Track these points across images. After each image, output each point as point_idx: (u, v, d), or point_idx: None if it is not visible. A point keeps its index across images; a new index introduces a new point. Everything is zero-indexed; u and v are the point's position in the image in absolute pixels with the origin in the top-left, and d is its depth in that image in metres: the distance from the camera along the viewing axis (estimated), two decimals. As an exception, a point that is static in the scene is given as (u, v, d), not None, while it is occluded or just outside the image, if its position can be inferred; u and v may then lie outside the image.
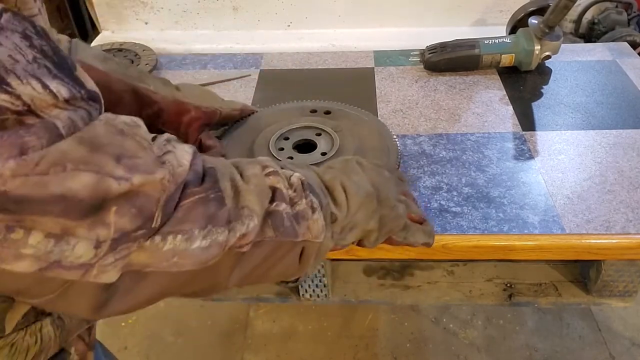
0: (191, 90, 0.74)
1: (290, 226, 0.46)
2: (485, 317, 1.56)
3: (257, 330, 1.58)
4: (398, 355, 1.49)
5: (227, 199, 0.42)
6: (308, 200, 0.48)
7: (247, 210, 0.43)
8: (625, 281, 1.51)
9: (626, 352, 1.47)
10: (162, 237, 0.38)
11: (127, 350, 1.55)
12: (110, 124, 0.36)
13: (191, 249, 0.39)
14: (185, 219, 0.39)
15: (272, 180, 0.46)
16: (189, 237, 0.39)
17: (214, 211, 0.41)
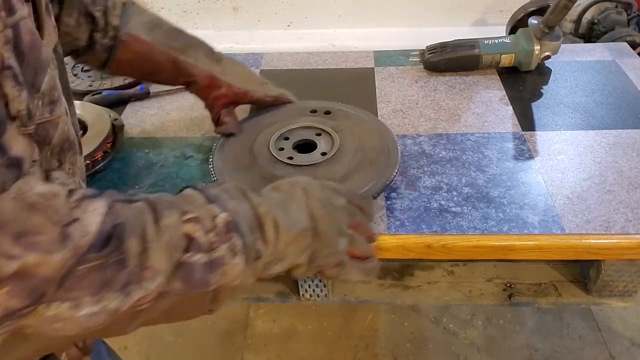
0: (231, 68, 0.78)
1: (201, 277, 0.44)
2: (485, 317, 1.56)
3: (257, 330, 1.58)
4: (398, 355, 1.49)
5: (130, 260, 0.40)
6: (230, 244, 0.46)
7: (151, 271, 0.41)
8: (625, 281, 1.51)
9: (626, 352, 1.47)
10: (47, 304, 0.37)
11: (127, 350, 1.55)
12: (20, 199, 0.35)
13: (77, 316, 0.38)
14: (76, 287, 0.37)
15: (189, 229, 0.44)
16: (77, 304, 0.38)
17: (110, 276, 0.39)
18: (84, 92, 0.97)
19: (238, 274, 0.47)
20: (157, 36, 0.72)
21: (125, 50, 0.71)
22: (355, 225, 0.58)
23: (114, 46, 0.71)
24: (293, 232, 0.51)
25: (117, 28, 0.70)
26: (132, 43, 0.71)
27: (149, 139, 0.88)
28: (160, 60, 0.73)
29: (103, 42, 0.71)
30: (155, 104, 0.97)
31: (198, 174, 0.79)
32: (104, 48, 0.71)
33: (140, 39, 0.71)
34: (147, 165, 0.82)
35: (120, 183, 0.78)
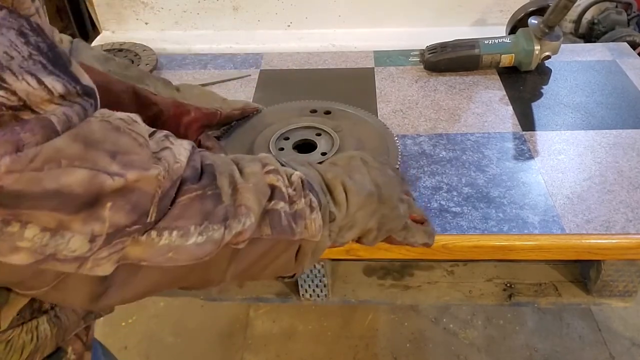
0: (191, 91, 0.74)
1: (287, 225, 0.46)
2: (485, 317, 1.56)
3: (257, 330, 1.58)
4: (398, 355, 1.49)
5: (225, 197, 0.42)
6: (307, 200, 0.48)
7: (244, 208, 0.43)
8: (625, 281, 1.51)
9: (626, 352, 1.47)
10: (158, 233, 0.38)
11: (127, 350, 1.55)
12: (106, 120, 0.36)
13: (186, 244, 0.40)
14: (182, 216, 0.39)
15: (272, 179, 0.46)
16: (185, 233, 0.39)
17: (210, 208, 0.41)
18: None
19: (318, 229, 0.48)
20: (111, 67, 0.68)
21: None
22: (406, 192, 0.61)
23: None
24: (362, 196, 0.53)
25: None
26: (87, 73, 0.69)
27: (149, 139, 0.87)
28: (118, 90, 0.68)
29: None
30: (155, 104, 0.97)
31: (198, 174, 0.79)
32: None
33: (94, 69, 0.66)
34: (147, 165, 0.81)
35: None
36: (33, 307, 0.46)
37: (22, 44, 0.31)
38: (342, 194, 0.52)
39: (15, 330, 0.44)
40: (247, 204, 0.43)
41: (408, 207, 0.59)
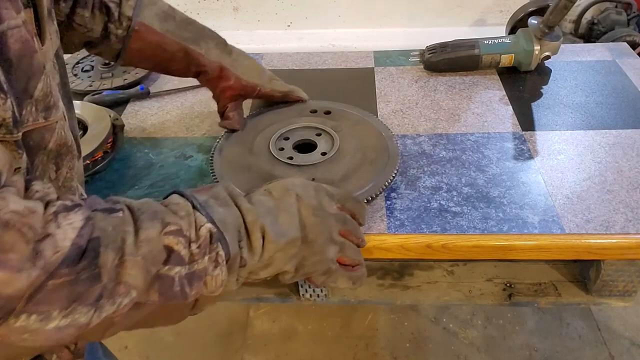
0: (242, 61, 0.79)
1: (179, 290, 0.44)
2: (485, 317, 1.56)
3: (257, 330, 1.58)
4: (398, 355, 1.49)
5: (104, 275, 0.40)
6: (212, 255, 0.46)
7: (124, 286, 0.41)
8: (624, 281, 1.51)
9: (626, 352, 1.47)
10: (15, 316, 0.36)
11: (127, 350, 1.55)
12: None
13: (45, 329, 0.38)
14: (45, 301, 0.37)
15: (170, 241, 0.44)
16: (45, 317, 0.37)
17: (82, 290, 0.39)
18: (84, 92, 0.97)
19: (219, 285, 0.47)
20: (169, 27, 0.74)
21: (138, 41, 0.72)
22: (346, 232, 0.57)
23: (127, 36, 0.72)
24: (281, 242, 0.51)
25: (131, 19, 0.71)
26: (144, 33, 0.72)
27: (149, 139, 0.88)
28: (171, 50, 0.74)
29: (117, 32, 0.72)
30: (155, 104, 0.97)
31: (198, 174, 0.79)
32: (118, 39, 0.72)
33: (152, 30, 0.72)
34: (147, 165, 0.82)
35: (120, 183, 0.78)
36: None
37: None
38: (259, 240, 0.50)
39: None
40: (128, 282, 0.41)
41: (339, 250, 0.56)
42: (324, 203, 0.56)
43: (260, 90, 0.80)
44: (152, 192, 0.76)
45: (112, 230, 0.41)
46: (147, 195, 0.76)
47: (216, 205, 0.49)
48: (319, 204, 0.56)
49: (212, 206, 0.49)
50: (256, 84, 0.79)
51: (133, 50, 0.73)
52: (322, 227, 0.54)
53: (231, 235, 0.48)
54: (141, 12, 0.72)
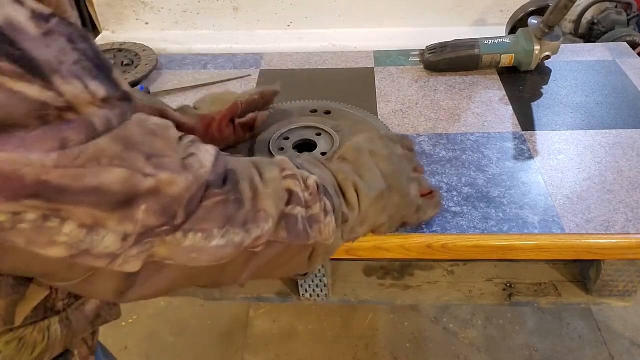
0: (209, 102, 0.77)
1: (302, 229, 0.48)
2: (485, 317, 1.56)
3: (257, 330, 1.58)
4: (398, 355, 1.49)
5: (246, 202, 0.44)
6: (322, 204, 0.50)
7: (263, 213, 0.45)
8: (625, 281, 1.51)
9: (626, 352, 1.47)
10: (184, 234, 0.40)
11: (127, 350, 1.55)
12: (143, 125, 0.38)
13: (209, 246, 0.42)
14: (206, 218, 0.41)
15: (289, 184, 0.48)
16: (208, 235, 0.42)
17: (232, 212, 0.43)
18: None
19: (331, 233, 0.50)
20: (138, 95, 0.74)
21: None
22: (415, 168, 0.63)
23: None
24: (372, 195, 0.55)
25: None
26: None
27: (149, 139, 0.87)
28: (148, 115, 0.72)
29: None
30: (155, 104, 0.97)
31: (198, 174, 0.79)
32: None
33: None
34: (147, 165, 0.81)
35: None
36: (47, 306, 0.47)
37: (71, 50, 0.33)
38: (354, 196, 0.54)
39: (27, 329, 0.45)
40: (266, 209, 0.45)
41: (418, 185, 0.62)
42: (393, 149, 0.61)
43: (242, 103, 0.77)
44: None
45: (242, 168, 0.46)
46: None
47: (312, 167, 0.54)
48: (390, 152, 0.60)
49: (308, 167, 0.53)
50: (233, 101, 0.76)
51: None
52: (400, 172, 0.59)
53: (332, 191, 0.52)
54: None
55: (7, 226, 0.32)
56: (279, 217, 0.46)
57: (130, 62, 1.06)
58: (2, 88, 0.30)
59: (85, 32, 0.36)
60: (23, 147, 0.31)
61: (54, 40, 0.32)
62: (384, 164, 0.58)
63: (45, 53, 0.31)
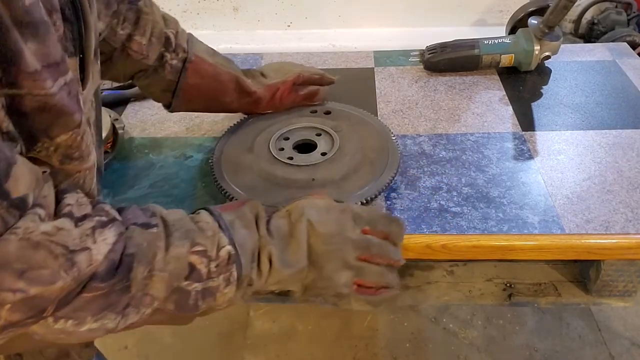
0: (274, 70, 0.83)
1: (193, 304, 0.48)
2: (485, 317, 1.56)
3: (257, 330, 1.58)
4: (398, 355, 1.49)
5: (134, 287, 0.44)
6: (226, 275, 0.49)
7: (149, 298, 0.45)
8: (624, 281, 1.51)
9: (626, 352, 1.47)
10: (55, 319, 0.41)
11: (127, 350, 1.55)
12: (27, 239, 0.38)
13: (79, 331, 0.43)
14: (81, 308, 0.42)
15: (195, 260, 0.48)
16: (80, 322, 0.42)
17: (113, 300, 0.43)
18: (84, 92, 0.97)
19: (226, 301, 0.50)
20: (218, 59, 0.78)
21: (194, 74, 0.74)
22: (368, 257, 0.56)
23: (183, 69, 0.74)
24: (285, 272, 0.52)
25: (186, 50, 0.74)
26: (200, 64, 0.75)
27: (149, 139, 0.88)
28: (226, 79, 0.77)
29: (172, 62, 0.73)
30: (155, 104, 0.96)
31: (198, 174, 0.79)
32: (172, 69, 0.73)
33: (206, 61, 0.75)
34: (147, 165, 0.82)
35: (120, 183, 0.78)
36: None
37: None
38: (266, 266, 0.52)
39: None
40: (153, 294, 0.45)
41: (355, 275, 0.55)
42: (344, 228, 0.55)
43: (303, 76, 0.84)
44: (152, 192, 0.76)
45: (146, 245, 0.45)
46: (147, 195, 0.76)
47: (240, 227, 0.52)
48: (337, 229, 0.55)
49: (235, 228, 0.51)
50: (297, 73, 0.83)
51: (189, 86, 0.75)
52: (333, 255, 0.54)
53: (247, 258, 0.51)
54: (194, 45, 0.75)
55: None
56: (170, 292, 0.47)
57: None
58: None
59: None
60: None
61: None
62: (316, 240, 0.54)
63: None
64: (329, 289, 0.55)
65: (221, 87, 0.77)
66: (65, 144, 0.44)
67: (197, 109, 0.82)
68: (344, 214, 0.56)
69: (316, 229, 0.54)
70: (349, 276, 0.55)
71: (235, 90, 0.78)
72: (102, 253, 0.42)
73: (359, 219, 0.56)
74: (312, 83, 0.85)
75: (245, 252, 0.51)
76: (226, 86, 0.77)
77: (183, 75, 0.74)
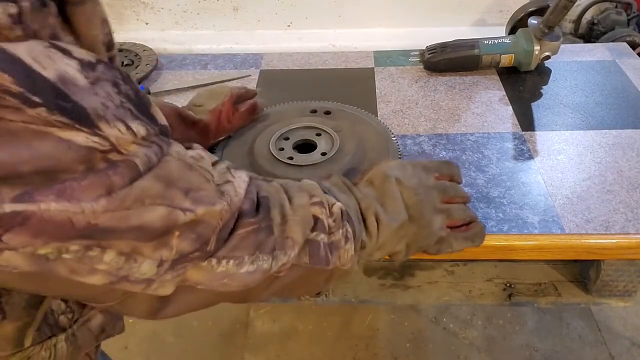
0: (206, 98, 0.80)
1: (324, 255, 0.50)
2: (485, 317, 1.56)
3: (257, 330, 1.58)
4: (398, 355, 1.49)
5: (275, 228, 0.46)
6: (344, 230, 0.51)
7: (291, 241, 0.47)
8: (624, 281, 1.51)
9: (626, 352, 1.47)
10: (217, 261, 0.42)
11: (127, 350, 1.55)
12: (181, 160, 0.40)
13: (239, 272, 0.44)
14: (238, 247, 0.43)
15: (316, 210, 0.50)
16: (240, 262, 0.44)
17: (262, 239, 0.45)
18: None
19: (349, 259, 0.52)
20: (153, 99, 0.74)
21: None
22: (449, 198, 0.62)
23: None
24: (393, 226, 0.55)
25: None
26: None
27: (149, 139, 0.87)
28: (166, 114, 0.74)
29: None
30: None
31: (198, 174, 0.79)
32: None
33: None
34: (148, 165, 0.82)
35: (121, 183, 0.78)
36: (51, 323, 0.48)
37: (115, 94, 0.35)
38: (373, 224, 0.55)
39: (35, 348, 0.46)
40: (293, 237, 0.47)
41: (447, 217, 0.60)
42: (422, 178, 0.60)
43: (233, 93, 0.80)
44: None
45: (274, 193, 0.48)
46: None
47: (338, 192, 0.55)
48: (419, 181, 0.60)
49: (335, 192, 0.55)
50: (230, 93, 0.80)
51: None
52: (425, 203, 0.59)
53: (354, 217, 0.53)
54: None
55: (51, 257, 0.34)
56: (303, 242, 0.48)
57: (130, 62, 1.07)
58: (51, 137, 0.31)
59: (125, 73, 0.37)
60: (73, 197, 0.32)
61: (100, 87, 0.33)
62: (408, 193, 0.58)
63: (93, 101, 0.33)
64: (431, 236, 0.59)
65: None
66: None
67: None
68: (417, 167, 0.62)
69: (404, 184, 0.58)
70: (442, 219, 0.60)
71: (180, 124, 0.75)
72: (242, 188, 0.44)
73: (428, 168, 0.62)
74: (244, 98, 0.83)
75: (351, 212, 0.53)
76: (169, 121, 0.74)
77: None
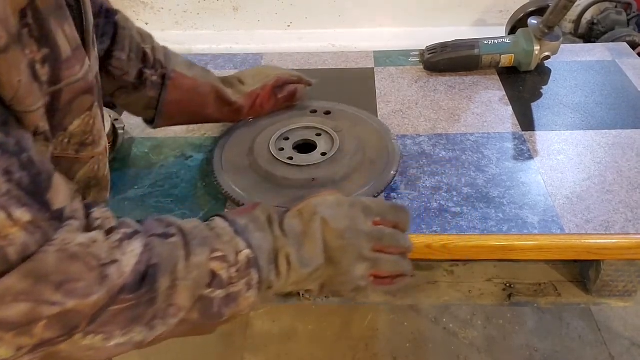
0: (251, 76, 0.82)
1: (216, 311, 0.48)
2: (485, 317, 1.56)
3: (257, 330, 1.58)
4: (398, 355, 1.49)
5: (159, 298, 0.44)
6: (248, 279, 0.49)
7: (175, 308, 0.45)
8: (624, 281, 1.51)
9: (626, 352, 1.47)
10: (83, 335, 0.40)
11: (127, 350, 1.55)
12: (63, 250, 0.38)
13: (107, 346, 0.42)
14: (110, 322, 0.41)
15: (216, 266, 0.47)
16: (109, 337, 0.42)
17: (140, 313, 0.43)
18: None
19: (249, 305, 0.50)
20: (197, 72, 0.77)
21: (174, 90, 0.74)
22: (382, 247, 0.57)
23: (163, 85, 0.73)
24: (304, 271, 0.53)
25: (164, 65, 0.73)
26: (179, 79, 0.74)
27: (149, 139, 0.88)
28: (205, 92, 0.76)
29: (152, 79, 0.72)
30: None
31: (198, 174, 0.79)
32: (153, 85, 0.72)
33: (185, 75, 0.75)
34: (148, 165, 0.82)
35: (120, 183, 0.78)
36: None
37: (3, 182, 0.35)
38: (284, 266, 0.52)
39: None
40: (179, 303, 0.45)
41: (371, 266, 0.55)
42: (356, 221, 0.56)
43: (280, 79, 0.82)
44: (152, 192, 0.76)
45: (167, 256, 0.45)
46: (147, 195, 0.76)
47: (255, 230, 0.52)
48: (349, 224, 0.55)
49: (251, 231, 0.51)
50: (276, 77, 0.82)
51: (171, 102, 0.74)
52: (349, 249, 0.54)
53: (265, 261, 0.51)
54: (171, 60, 0.74)
55: None
56: (194, 301, 0.46)
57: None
58: None
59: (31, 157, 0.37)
60: None
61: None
62: (331, 236, 0.54)
63: None
64: (347, 283, 0.55)
65: (202, 100, 0.76)
66: (78, 131, 0.45)
67: (179, 123, 0.81)
68: (355, 208, 0.56)
69: (330, 225, 0.54)
70: (366, 268, 0.55)
71: (215, 102, 0.77)
72: (130, 265, 0.42)
73: (369, 211, 0.57)
74: (289, 83, 0.84)
75: (263, 254, 0.51)
76: (206, 98, 0.77)
77: (164, 91, 0.73)
